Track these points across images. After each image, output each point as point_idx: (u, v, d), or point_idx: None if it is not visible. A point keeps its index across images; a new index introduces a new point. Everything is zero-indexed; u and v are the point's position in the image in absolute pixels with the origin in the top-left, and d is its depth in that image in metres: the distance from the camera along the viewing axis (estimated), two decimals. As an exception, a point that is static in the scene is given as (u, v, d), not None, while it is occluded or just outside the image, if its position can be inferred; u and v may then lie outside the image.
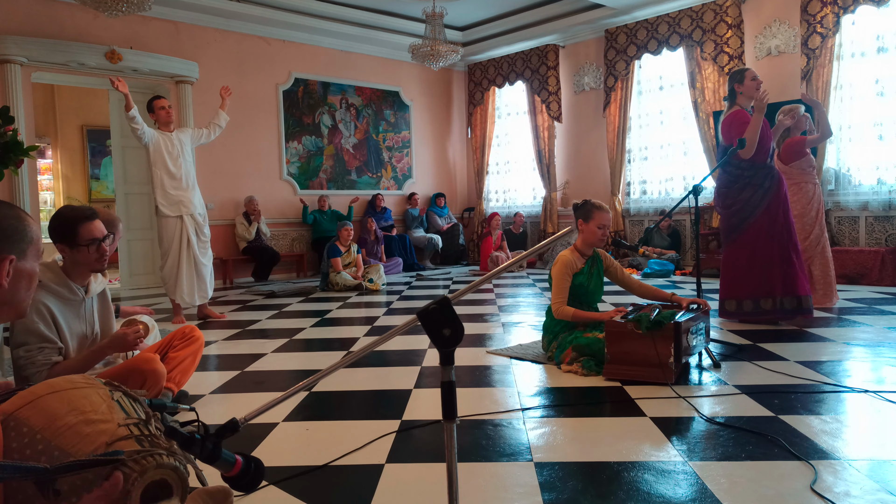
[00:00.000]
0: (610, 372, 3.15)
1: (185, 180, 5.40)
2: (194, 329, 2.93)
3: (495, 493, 1.95)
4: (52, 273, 2.38)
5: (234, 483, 1.27)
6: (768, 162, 4.37)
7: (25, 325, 2.28)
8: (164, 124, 5.37)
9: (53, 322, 2.34)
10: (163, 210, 5.35)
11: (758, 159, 4.32)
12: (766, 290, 4.33)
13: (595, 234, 3.54)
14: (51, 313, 2.33)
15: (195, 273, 5.42)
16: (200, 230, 5.49)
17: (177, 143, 5.38)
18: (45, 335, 2.30)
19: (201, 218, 5.51)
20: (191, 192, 5.44)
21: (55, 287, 2.36)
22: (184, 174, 5.39)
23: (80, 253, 2.37)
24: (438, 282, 8.21)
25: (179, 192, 5.37)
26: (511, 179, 10.93)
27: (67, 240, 2.36)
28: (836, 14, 6.98)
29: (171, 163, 5.33)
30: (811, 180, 5.13)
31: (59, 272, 2.40)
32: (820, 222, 5.10)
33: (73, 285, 2.41)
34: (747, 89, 4.34)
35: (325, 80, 9.59)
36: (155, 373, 2.45)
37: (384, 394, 3.08)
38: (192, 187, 5.46)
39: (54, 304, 2.35)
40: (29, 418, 1.10)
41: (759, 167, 4.33)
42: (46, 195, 10.82)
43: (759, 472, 2.01)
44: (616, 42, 8.99)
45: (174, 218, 5.36)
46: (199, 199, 5.53)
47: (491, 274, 1.22)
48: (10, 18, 6.95)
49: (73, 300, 2.43)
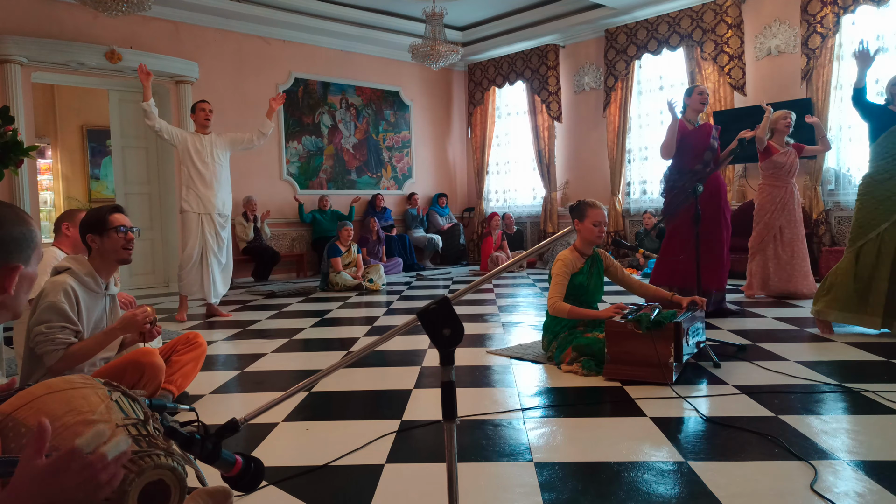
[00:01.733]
0: (610, 372, 3.15)
1: (211, 180, 5.50)
2: (198, 336, 2.98)
3: (495, 493, 1.95)
4: (80, 264, 2.52)
5: (234, 483, 1.27)
6: (699, 168, 4.72)
7: (53, 303, 2.38)
8: (200, 126, 5.54)
9: (77, 306, 2.45)
10: (184, 206, 5.50)
11: (684, 165, 4.79)
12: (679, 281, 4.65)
13: (592, 231, 3.54)
14: (76, 297, 2.45)
15: (211, 272, 5.52)
16: (219, 231, 5.58)
17: (207, 145, 5.50)
18: (69, 316, 2.41)
19: (222, 219, 5.62)
20: (215, 193, 5.53)
21: (84, 277, 2.50)
22: (211, 174, 5.49)
23: (109, 239, 2.52)
24: (438, 282, 8.21)
25: (203, 191, 5.47)
26: (511, 179, 10.92)
27: (98, 228, 2.52)
28: (836, 14, 6.98)
29: (198, 162, 5.45)
30: (775, 182, 5.59)
31: (87, 264, 2.54)
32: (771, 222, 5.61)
33: (99, 279, 2.56)
34: (692, 102, 4.80)
35: (325, 80, 9.59)
36: (153, 366, 2.46)
37: (384, 394, 3.08)
38: (218, 188, 5.55)
39: (81, 291, 2.48)
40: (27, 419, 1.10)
41: (685, 172, 4.71)
42: (46, 195, 10.81)
43: (759, 472, 2.01)
44: (616, 42, 8.99)
45: (195, 214, 5.48)
46: (223, 201, 5.62)
47: (491, 274, 1.22)
48: (10, 18, 6.95)
49: (96, 292, 2.57)
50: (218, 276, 5.60)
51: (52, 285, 2.42)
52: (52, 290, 2.41)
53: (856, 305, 3.93)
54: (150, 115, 5.24)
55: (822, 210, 7.15)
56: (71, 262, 2.52)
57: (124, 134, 7.99)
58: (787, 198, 5.60)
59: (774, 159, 5.56)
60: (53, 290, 2.41)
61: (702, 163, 4.72)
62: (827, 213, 7.20)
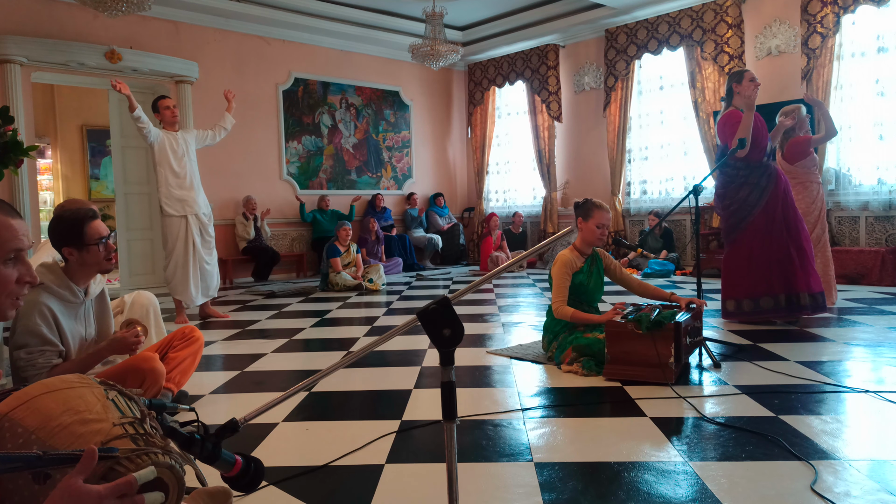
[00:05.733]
0: (610, 372, 3.15)
1: (190, 180, 5.41)
2: (194, 329, 2.94)
3: (495, 493, 1.95)
4: (53, 275, 2.33)
5: (233, 483, 1.27)
6: (764, 160, 4.37)
7: (28, 326, 2.25)
8: (168, 124, 5.38)
9: (55, 324, 2.31)
10: (167, 209, 5.35)
11: (752, 158, 4.33)
12: (764, 288, 4.33)
13: (594, 232, 3.54)
14: (53, 315, 2.30)
15: (200, 272, 5.44)
16: (205, 230, 5.51)
17: (181, 143, 5.38)
18: (47, 337, 2.28)
19: (206, 217, 5.53)
20: (195, 192, 5.45)
21: (57, 289, 2.33)
22: (188, 174, 5.40)
23: (89, 253, 2.34)
24: (438, 282, 8.21)
25: (184, 192, 5.37)
26: (511, 179, 10.92)
27: (75, 241, 2.32)
28: (836, 14, 6.98)
29: (175, 162, 5.33)
30: (815, 180, 5.17)
31: (61, 274, 2.35)
32: (822, 222, 5.15)
33: (75, 287, 2.38)
34: (745, 90, 4.31)
35: (324, 79, 9.59)
36: (154, 371, 2.45)
37: (384, 394, 3.08)
38: (196, 187, 5.47)
39: (56, 305, 2.32)
40: (23, 419, 1.09)
41: (755, 166, 4.34)
42: (46, 195, 10.82)
43: (759, 472, 2.01)
44: (616, 42, 8.99)
45: (178, 217, 5.37)
46: (203, 198, 5.54)
47: (491, 274, 1.22)
48: (10, 18, 6.95)
49: (74, 302, 2.40)
50: (210, 276, 5.53)
51: (27, 306, 2.23)
52: (26, 311, 2.24)
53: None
54: (144, 121, 5.11)
55: (823, 210, 7.13)
56: (43, 273, 2.31)
57: (124, 134, 7.99)
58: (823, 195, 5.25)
59: (814, 156, 5.22)
60: (27, 311, 2.25)
61: (766, 154, 4.37)
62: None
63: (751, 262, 4.36)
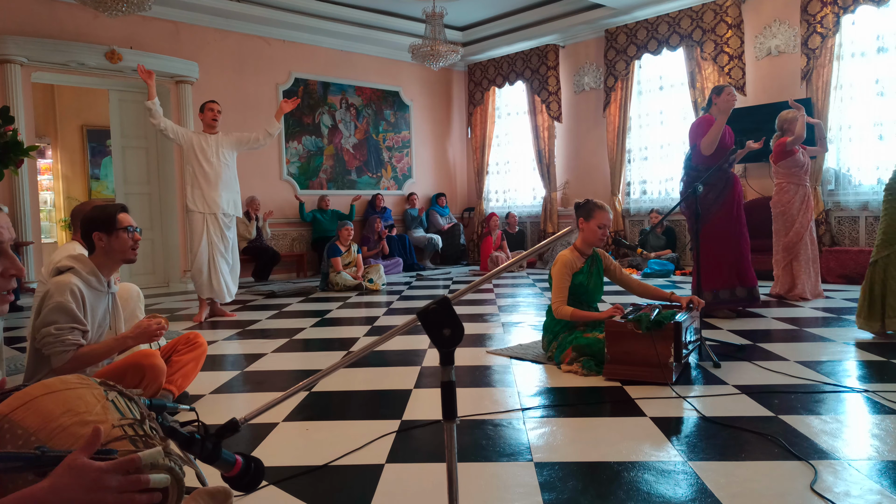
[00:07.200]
0: (610, 372, 3.15)
1: (216, 180, 5.47)
2: (198, 335, 2.99)
3: (495, 493, 1.95)
4: (81, 263, 2.49)
5: (234, 483, 1.27)
6: (723, 166, 4.66)
7: (60, 304, 2.36)
8: (207, 126, 5.51)
9: (84, 306, 2.43)
10: (189, 206, 5.47)
11: (711, 162, 4.68)
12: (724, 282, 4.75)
13: (595, 233, 3.54)
14: (83, 297, 2.43)
15: (219, 271, 5.50)
16: (224, 231, 5.56)
17: (212, 144, 5.47)
18: (78, 317, 2.40)
19: (227, 219, 5.59)
20: (220, 193, 5.49)
21: (87, 276, 2.47)
22: (215, 174, 5.46)
23: (118, 240, 2.49)
24: (438, 282, 8.21)
25: (208, 191, 5.45)
26: (511, 179, 10.92)
27: (106, 226, 2.48)
28: (836, 14, 6.98)
29: (203, 161, 5.43)
30: (798, 182, 5.53)
31: (89, 262, 2.51)
32: (803, 222, 5.52)
33: (102, 277, 2.53)
34: (722, 102, 4.69)
35: (325, 80, 9.59)
36: (154, 368, 2.47)
37: (384, 394, 3.08)
38: (223, 188, 5.52)
39: (86, 290, 2.46)
40: (24, 420, 1.10)
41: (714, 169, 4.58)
42: (46, 195, 10.81)
43: (759, 472, 2.01)
44: (616, 42, 8.99)
45: (199, 214, 5.46)
46: (228, 200, 5.57)
47: (491, 274, 1.22)
48: (10, 18, 6.95)
49: (100, 291, 2.54)
50: (228, 276, 5.59)
51: (58, 286, 2.39)
52: (57, 290, 2.38)
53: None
54: (156, 113, 5.21)
55: (822, 210, 7.14)
56: (73, 261, 2.49)
57: (124, 134, 7.99)
58: (808, 197, 5.55)
59: (797, 158, 5.49)
60: (59, 290, 2.38)
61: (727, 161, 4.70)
62: (827, 213, 7.20)
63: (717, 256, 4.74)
